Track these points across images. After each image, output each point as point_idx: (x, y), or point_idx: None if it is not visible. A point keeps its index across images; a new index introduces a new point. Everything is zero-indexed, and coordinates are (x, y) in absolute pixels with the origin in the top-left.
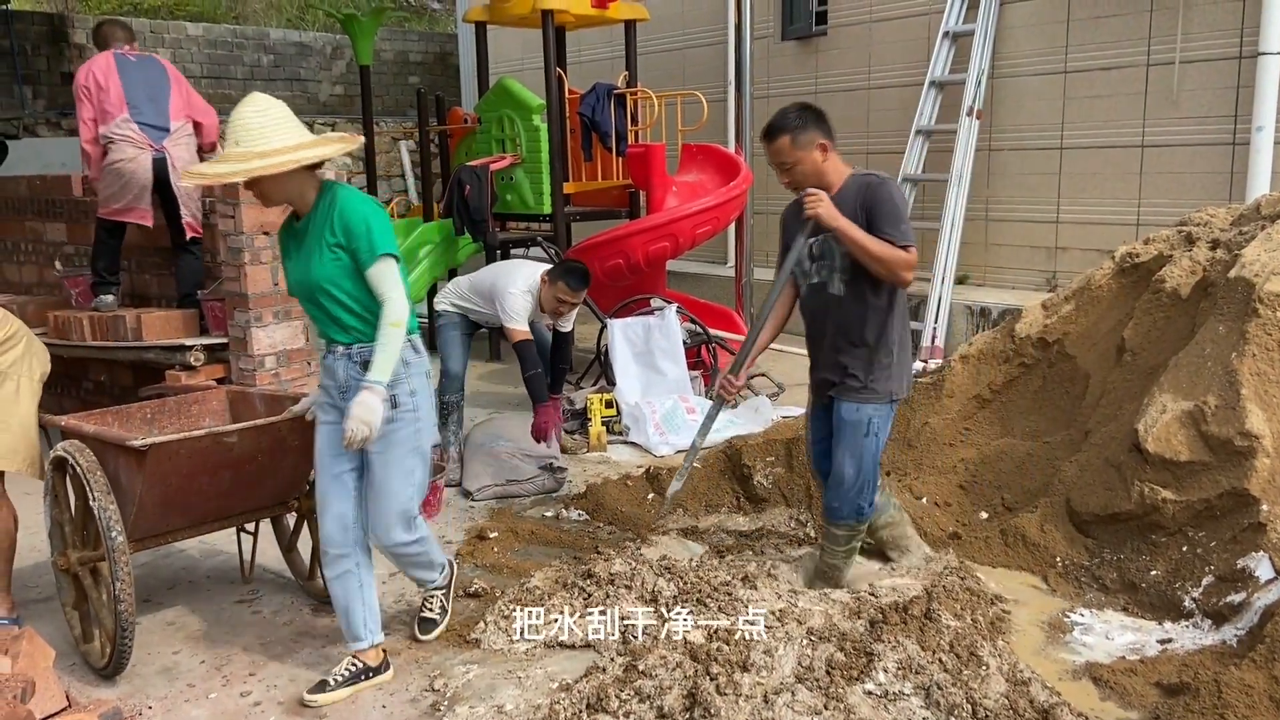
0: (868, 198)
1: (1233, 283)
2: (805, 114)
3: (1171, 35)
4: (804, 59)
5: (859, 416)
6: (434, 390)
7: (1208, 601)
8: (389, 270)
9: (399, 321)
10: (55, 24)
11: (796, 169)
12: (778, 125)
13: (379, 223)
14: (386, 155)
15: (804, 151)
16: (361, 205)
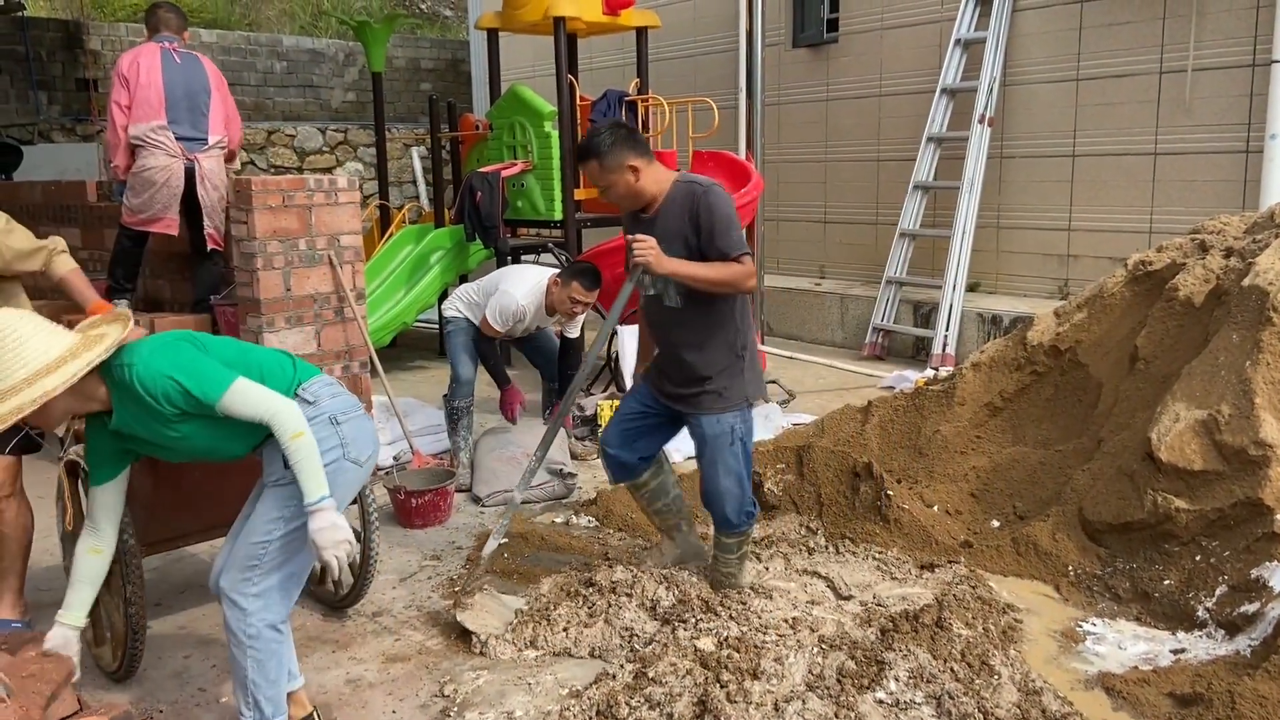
0: (694, 209)
1: (1246, 291)
2: (614, 136)
3: (1184, 43)
4: (815, 66)
5: (720, 428)
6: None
7: (1221, 611)
8: (237, 397)
9: (297, 430)
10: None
11: (610, 190)
12: (585, 149)
13: (186, 376)
14: (398, 161)
15: (614, 175)
16: (152, 369)
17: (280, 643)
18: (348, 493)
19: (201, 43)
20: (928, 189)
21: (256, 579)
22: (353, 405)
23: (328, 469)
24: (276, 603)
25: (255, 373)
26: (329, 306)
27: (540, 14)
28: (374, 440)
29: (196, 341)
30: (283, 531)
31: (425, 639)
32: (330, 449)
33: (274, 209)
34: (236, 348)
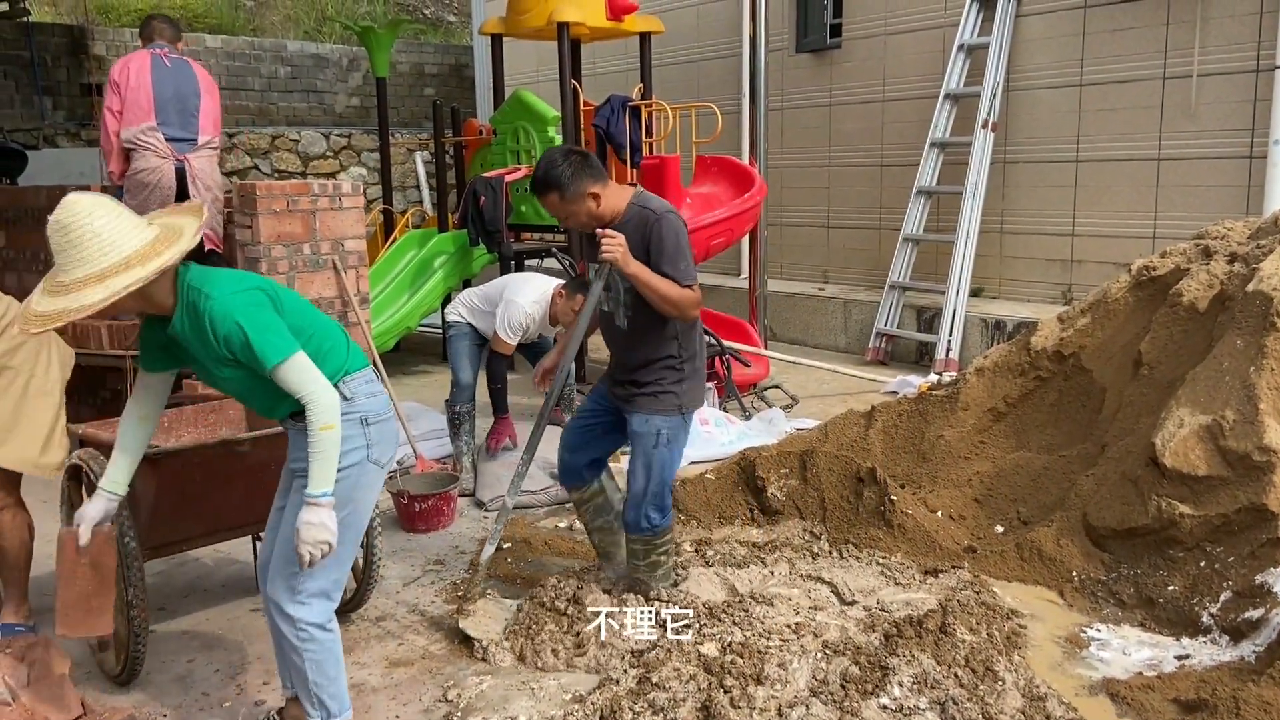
0: (647, 234)
1: (1250, 296)
2: (572, 165)
3: (1188, 48)
4: (818, 71)
5: (648, 428)
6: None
7: (1226, 617)
8: (292, 371)
9: (330, 423)
10: (75, 35)
11: (571, 219)
12: (544, 181)
13: (254, 328)
14: (402, 166)
15: (575, 205)
16: (227, 309)
17: (333, 641)
18: (369, 494)
19: (206, 47)
20: (931, 194)
21: (302, 584)
22: (385, 407)
23: (352, 469)
24: (320, 606)
25: (314, 346)
26: (333, 311)
27: (544, 19)
28: (396, 443)
29: (273, 294)
30: (345, 528)
31: (428, 644)
32: (356, 448)
33: (278, 214)
34: (307, 314)
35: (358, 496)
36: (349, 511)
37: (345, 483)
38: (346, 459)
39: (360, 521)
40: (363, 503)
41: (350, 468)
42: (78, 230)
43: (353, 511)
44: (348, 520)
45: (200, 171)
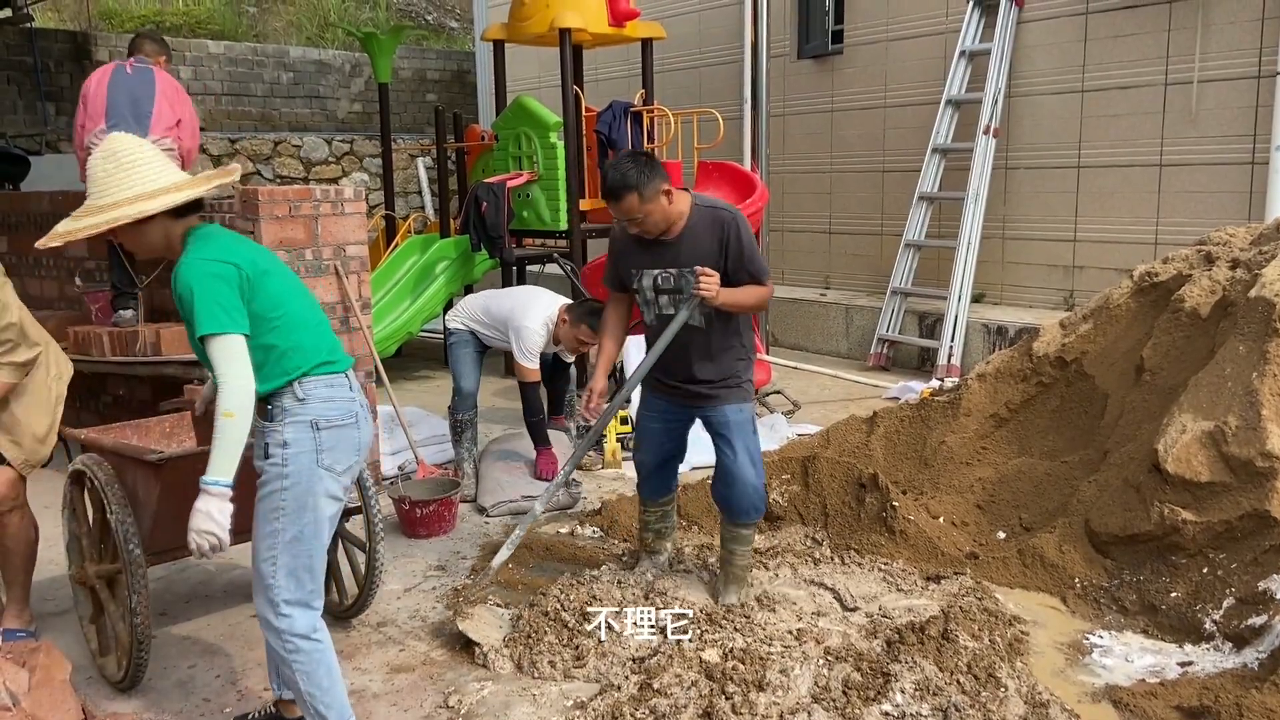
0: (725, 235)
1: (1253, 302)
2: (645, 166)
3: (1190, 54)
4: (820, 77)
5: (744, 415)
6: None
7: (1228, 624)
8: (214, 350)
9: (231, 410)
10: (78, 41)
11: (647, 220)
12: (622, 185)
13: (202, 296)
14: (404, 172)
15: (652, 204)
16: (189, 272)
17: (321, 649)
18: (328, 501)
19: (209, 53)
20: (933, 200)
21: (279, 593)
22: (345, 413)
23: (300, 472)
24: (300, 615)
25: (272, 338)
26: (335, 316)
27: (546, 26)
28: (357, 450)
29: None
30: (285, 540)
31: (430, 649)
32: (303, 452)
33: (280, 219)
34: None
35: (313, 503)
36: (309, 517)
37: (297, 488)
38: (294, 462)
39: (321, 529)
40: (320, 508)
41: (297, 470)
42: (128, 159)
43: (314, 519)
44: (309, 526)
45: None
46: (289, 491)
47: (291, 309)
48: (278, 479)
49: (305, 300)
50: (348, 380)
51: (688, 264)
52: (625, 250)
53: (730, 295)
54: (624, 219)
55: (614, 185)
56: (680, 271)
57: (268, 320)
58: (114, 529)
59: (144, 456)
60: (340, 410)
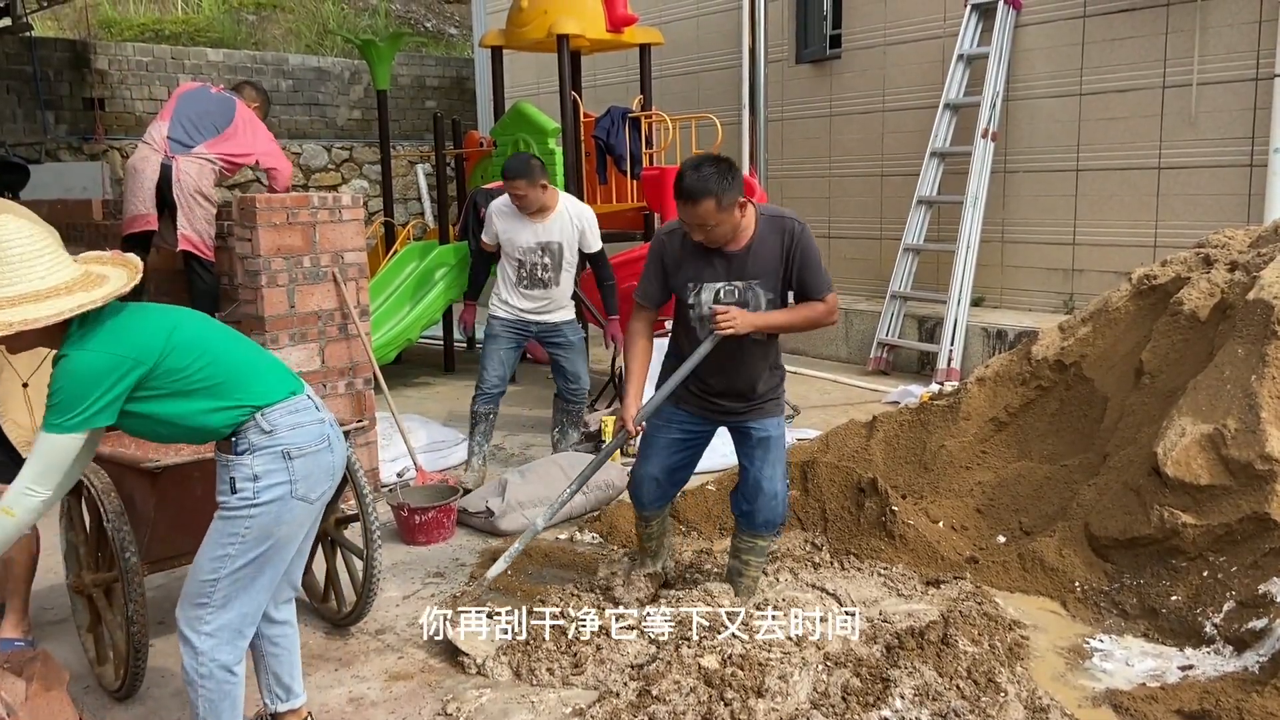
0: (792, 247)
1: (1251, 305)
2: (727, 173)
3: (1188, 57)
4: (818, 82)
5: (780, 430)
6: None
7: (1229, 627)
8: (41, 443)
9: (13, 510)
10: (78, 50)
11: (717, 229)
12: (702, 190)
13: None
14: (403, 178)
15: (728, 214)
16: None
17: (233, 684)
18: (294, 529)
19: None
20: (932, 204)
21: (208, 617)
22: (315, 438)
23: (273, 504)
24: (228, 642)
25: (206, 383)
26: (333, 323)
27: (544, 32)
28: (330, 475)
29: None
30: (229, 570)
31: (428, 657)
32: (278, 484)
33: (278, 226)
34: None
35: (279, 533)
36: (268, 547)
37: (265, 517)
38: (267, 494)
39: (282, 555)
40: (285, 538)
41: (271, 503)
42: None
43: (272, 548)
44: (266, 555)
45: (184, 174)
46: (255, 521)
47: (220, 347)
48: (245, 509)
49: (229, 337)
50: (311, 402)
51: (755, 277)
52: (681, 261)
53: (763, 319)
54: (692, 224)
55: (692, 189)
56: (747, 285)
57: (192, 368)
58: (111, 538)
59: (141, 465)
60: (310, 435)
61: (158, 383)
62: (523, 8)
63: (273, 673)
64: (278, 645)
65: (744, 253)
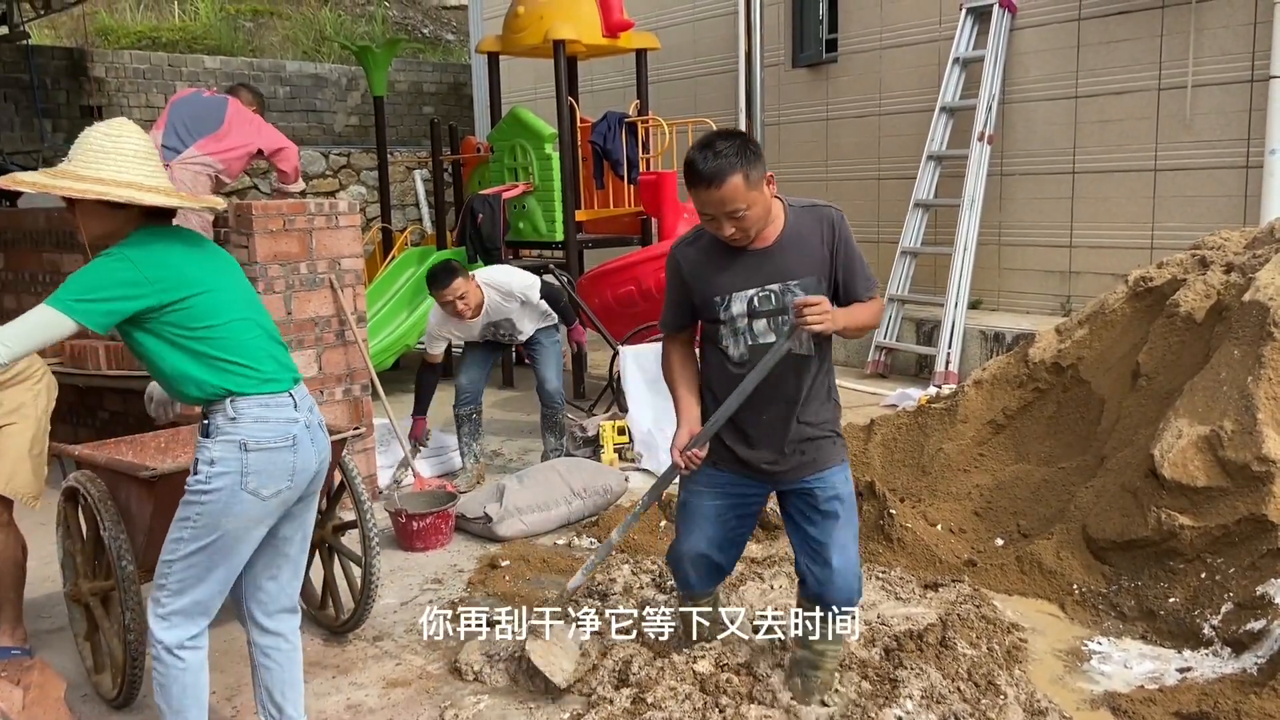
0: (833, 237)
1: (1247, 306)
2: (746, 146)
3: (1183, 59)
4: (815, 86)
5: (850, 486)
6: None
7: (1227, 629)
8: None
9: None
10: (75, 58)
11: (749, 214)
12: (724, 168)
13: (81, 274)
14: (401, 184)
15: (758, 191)
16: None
17: (181, 669)
18: (245, 525)
19: (205, 69)
20: (928, 207)
21: (164, 599)
22: (279, 435)
23: (220, 493)
24: (177, 626)
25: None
26: (330, 330)
27: (540, 37)
28: (290, 475)
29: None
30: (183, 553)
31: (426, 663)
32: (229, 472)
33: (274, 233)
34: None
35: (226, 525)
36: (217, 537)
37: (213, 506)
38: (216, 480)
39: (232, 549)
40: (235, 532)
41: (218, 491)
42: (128, 143)
43: (222, 539)
44: (216, 546)
45: (177, 182)
46: (205, 507)
47: (231, 324)
48: (198, 493)
49: (250, 317)
50: (292, 400)
51: (793, 276)
52: (703, 273)
53: (849, 316)
54: (720, 215)
55: (711, 171)
56: (785, 286)
57: (196, 333)
58: (108, 546)
59: (137, 473)
60: (274, 432)
61: (162, 325)
62: (519, 13)
63: (264, 686)
64: (269, 657)
65: (775, 249)
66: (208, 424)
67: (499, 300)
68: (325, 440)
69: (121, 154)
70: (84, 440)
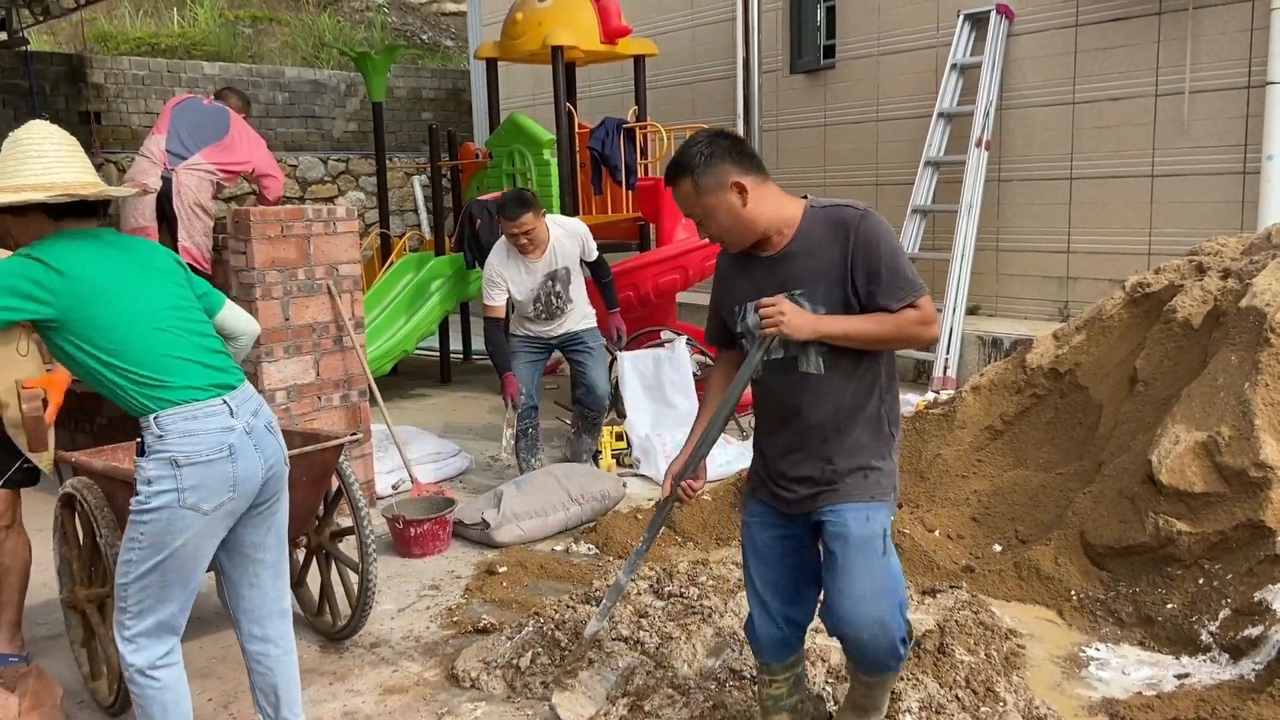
0: (855, 243)
1: (1244, 312)
2: (713, 146)
3: (1180, 65)
4: (812, 92)
5: (870, 528)
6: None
7: (1225, 635)
8: None
9: None
10: (74, 64)
11: (710, 219)
12: (675, 164)
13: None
14: (399, 190)
15: (713, 197)
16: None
17: (157, 689)
18: (192, 540)
19: (204, 74)
20: (926, 212)
21: (128, 623)
22: (210, 446)
23: (161, 511)
24: (144, 648)
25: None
26: (328, 335)
27: (538, 43)
28: (229, 487)
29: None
30: (135, 575)
31: (423, 670)
32: (165, 490)
33: (272, 239)
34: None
35: (172, 543)
36: (165, 556)
37: (155, 525)
38: (154, 500)
39: (185, 566)
40: (181, 549)
41: (158, 510)
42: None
43: (170, 557)
44: (166, 565)
45: (184, 186)
46: (147, 528)
47: (144, 335)
48: (139, 513)
49: (169, 325)
50: (225, 407)
51: (796, 286)
52: (728, 281)
53: (833, 325)
54: (686, 217)
55: (670, 165)
56: (791, 295)
57: (100, 347)
58: (104, 552)
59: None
60: (204, 444)
61: (71, 338)
62: (518, 20)
63: (261, 691)
64: (261, 663)
65: (783, 255)
66: (141, 442)
67: (563, 238)
68: (275, 444)
69: (29, 158)
70: (81, 446)
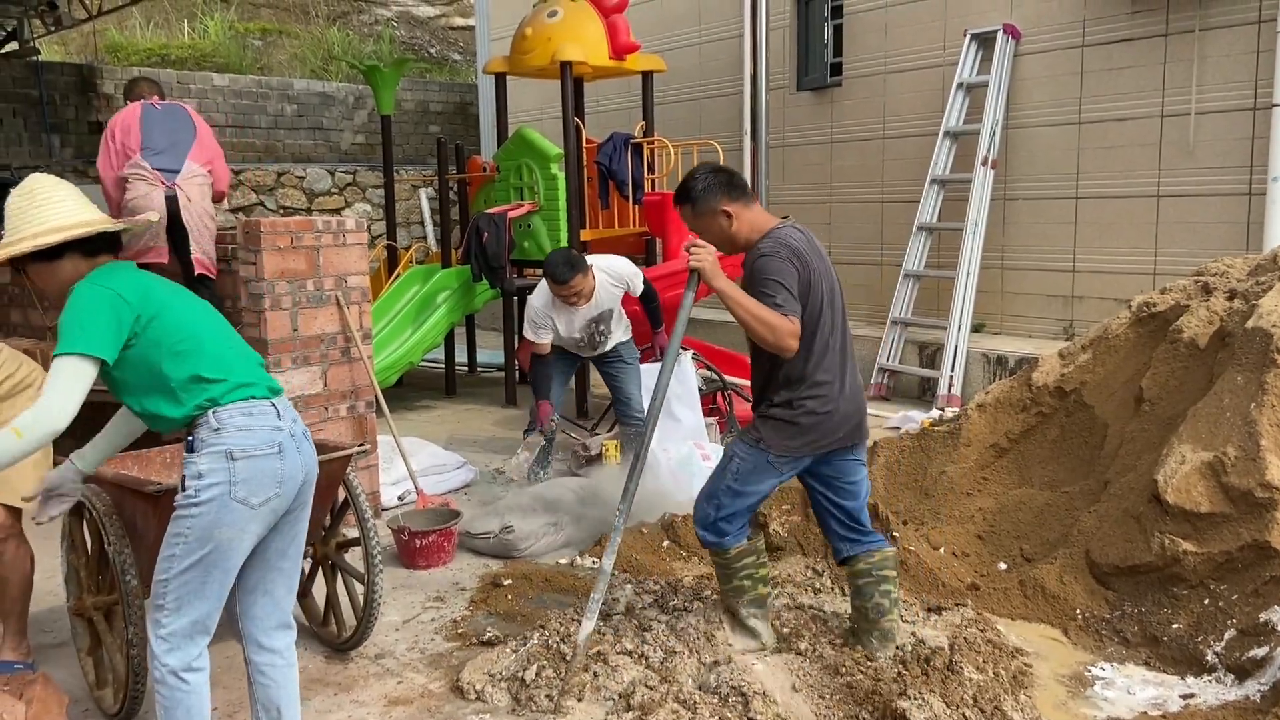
0: (750, 262)
1: (1250, 333)
2: (708, 181)
3: (1186, 87)
4: (819, 109)
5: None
6: None
7: (1230, 656)
8: (59, 367)
9: (23, 431)
10: (84, 74)
11: (704, 236)
12: (679, 193)
13: (68, 317)
14: (406, 202)
15: (706, 220)
16: (74, 293)
17: (185, 692)
18: (235, 534)
19: (213, 86)
20: (932, 230)
21: (164, 620)
22: (265, 442)
23: (211, 504)
24: (178, 648)
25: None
26: (335, 346)
27: (547, 58)
28: (278, 482)
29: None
30: (178, 570)
31: (428, 681)
32: (218, 483)
33: (282, 250)
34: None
35: (219, 536)
36: (210, 550)
37: (204, 518)
38: (206, 493)
39: (227, 562)
40: (227, 542)
41: (209, 503)
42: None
43: (214, 550)
44: (210, 559)
45: (191, 199)
46: (196, 520)
47: (201, 336)
48: (188, 507)
49: (217, 329)
50: (274, 409)
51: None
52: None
53: (731, 287)
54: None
55: (676, 192)
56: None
57: (171, 347)
58: (112, 561)
59: (143, 488)
60: (258, 439)
61: (143, 341)
62: (527, 35)
63: (261, 704)
64: (265, 675)
65: (742, 278)
66: (192, 439)
67: (609, 285)
68: (311, 451)
69: (49, 204)
70: None
